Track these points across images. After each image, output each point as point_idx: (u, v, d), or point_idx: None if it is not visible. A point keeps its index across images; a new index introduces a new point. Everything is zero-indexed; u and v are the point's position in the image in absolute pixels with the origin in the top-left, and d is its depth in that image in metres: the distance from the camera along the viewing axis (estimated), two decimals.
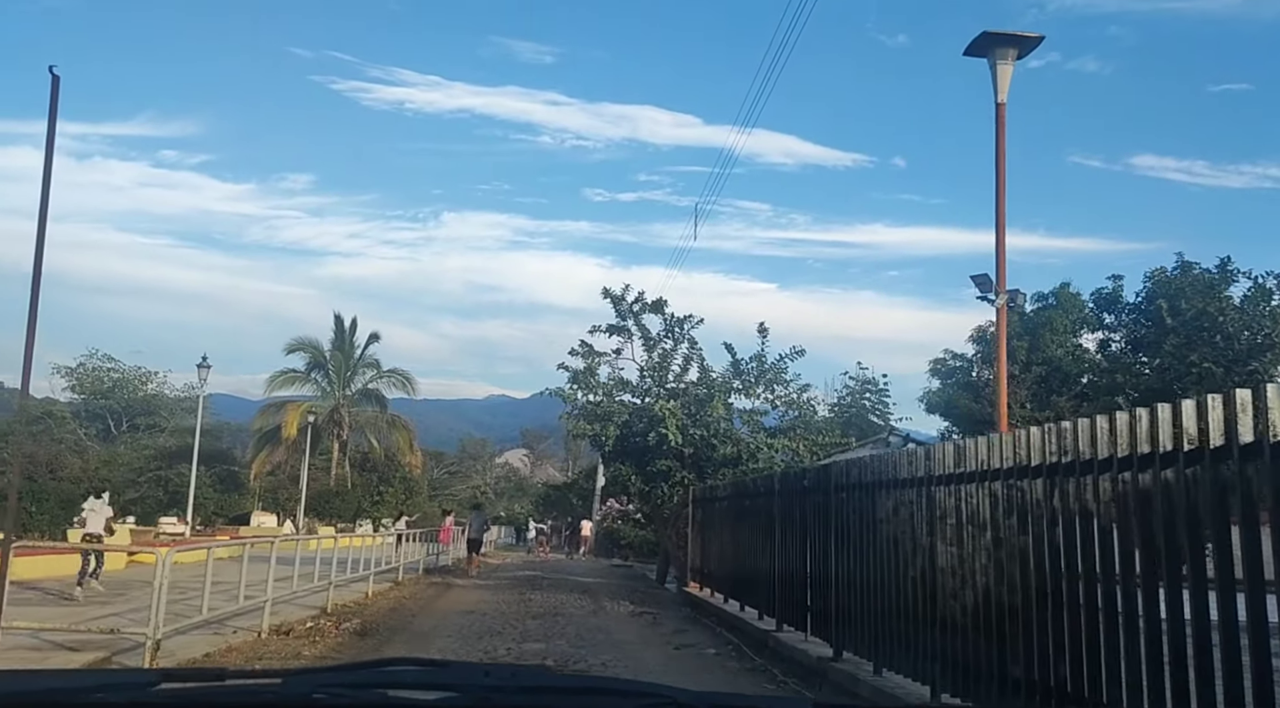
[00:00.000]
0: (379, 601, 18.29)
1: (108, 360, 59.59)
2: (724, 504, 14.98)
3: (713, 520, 15.98)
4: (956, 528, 6.65)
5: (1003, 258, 16.73)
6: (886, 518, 7.91)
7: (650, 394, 21.54)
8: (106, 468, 41.71)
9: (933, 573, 7.00)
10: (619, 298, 21.66)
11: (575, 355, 21.75)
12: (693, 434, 20.16)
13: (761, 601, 12.15)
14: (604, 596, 20.17)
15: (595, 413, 21.07)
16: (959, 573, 6.60)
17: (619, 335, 22.00)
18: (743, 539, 13.39)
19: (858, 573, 8.49)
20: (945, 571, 6.79)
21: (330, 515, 52.00)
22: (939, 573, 6.90)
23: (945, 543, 6.81)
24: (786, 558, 10.97)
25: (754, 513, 12.72)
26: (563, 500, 64.00)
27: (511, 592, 20.66)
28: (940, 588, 6.85)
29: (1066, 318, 36.11)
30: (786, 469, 18.27)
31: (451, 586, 22.61)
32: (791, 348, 21.43)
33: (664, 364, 21.52)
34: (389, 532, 32.28)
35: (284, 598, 15.21)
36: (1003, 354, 17.20)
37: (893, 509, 7.78)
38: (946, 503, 6.81)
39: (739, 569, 13.58)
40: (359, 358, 54.83)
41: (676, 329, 21.79)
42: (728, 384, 20.94)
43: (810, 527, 10.11)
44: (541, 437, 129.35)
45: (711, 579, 15.86)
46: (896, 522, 7.69)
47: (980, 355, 37.06)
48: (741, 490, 13.73)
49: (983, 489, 6.31)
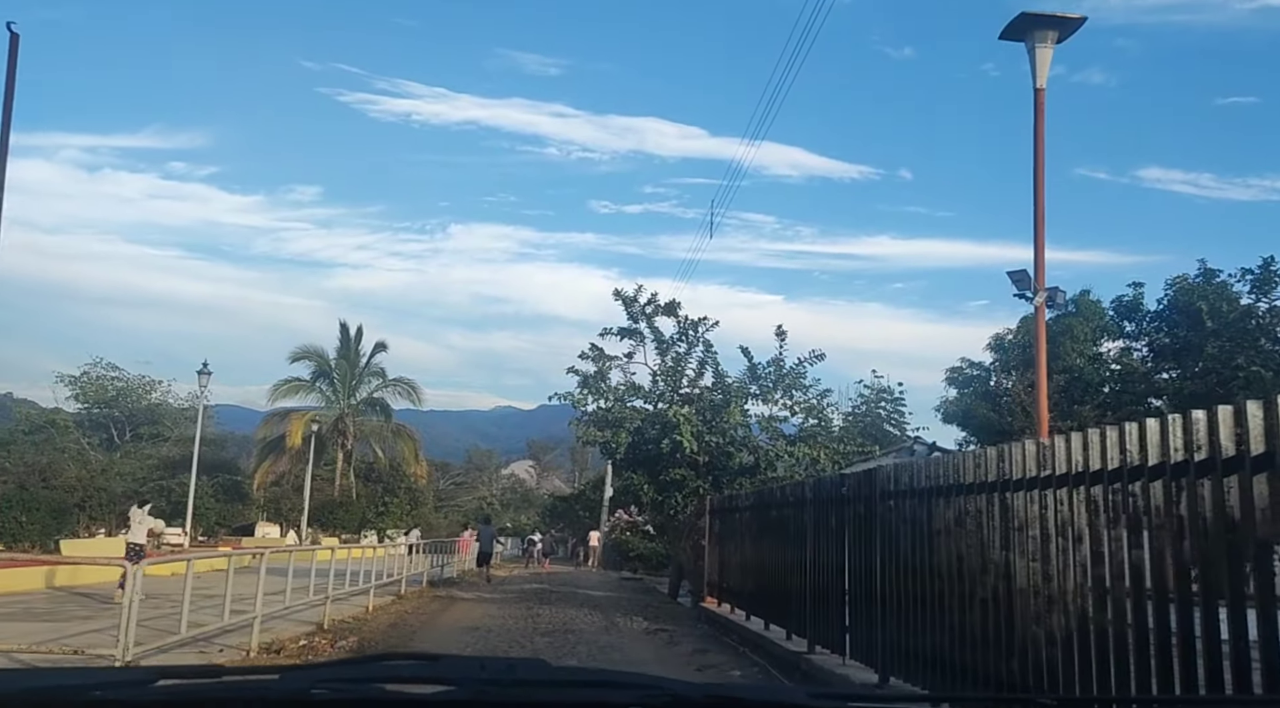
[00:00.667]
0: (379, 616, 17.30)
1: (111, 369, 58.78)
2: (746, 515, 13.97)
3: (733, 532, 14.98)
4: (1041, 541, 5.66)
5: (1041, 255, 15.75)
6: (946, 529, 6.91)
7: (663, 400, 20.57)
8: (103, 477, 40.77)
9: (1008, 593, 6.01)
10: (631, 299, 20.72)
11: (585, 359, 20.82)
12: (708, 441, 19.17)
13: (790, 619, 11.14)
14: (615, 611, 19.15)
15: (606, 419, 20.09)
16: (1044, 593, 5.61)
17: (630, 339, 21.07)
18: (768, 552, 12.38)
19: (910, 591, 7.49)
20: (1026, 591, 5.80)
21: (334, 526, 51.02)
22: (1016, 594, 5.90)
23: (1025, 558, 5.82)
24: (820, 573, 9.96)
25: (781, 524, 11.71)
26: (569, 512, 63.02)
27: (518, 606, 19.65)
28: (1019, 611, 5.86)
29: (1087, 326, 35.08)
30: (819, 476, 17.30)
31: (456, 599, 21.60)
32: (811, 352, 20.49)
33: (678, 368, 20.55)
34: (397, 543, 31.46)
35: (277, 614, 14.24)
36: (1042, 356, 16.18)
37: (954, 519, 6.79)
38: (1027, 512, 5.82)
39: (763, 585, 12.57)
40: (364, 367, 53.95)
41: (690, 332, 20.84)
42: (744, 389, 19.96)
43: (850, 539, 9.11)
44: (548, 448, 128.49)
45: (731, 595, 14.85)
46: (960, 534, 6.70)
47: (999, 364, 36.04)
48: (766, 500, 12.72)
49: (1076, 495, 5.33)
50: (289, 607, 14.15)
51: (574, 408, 20.30)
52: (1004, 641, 6.02)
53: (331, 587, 15.36)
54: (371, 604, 18.07)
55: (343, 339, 53.56)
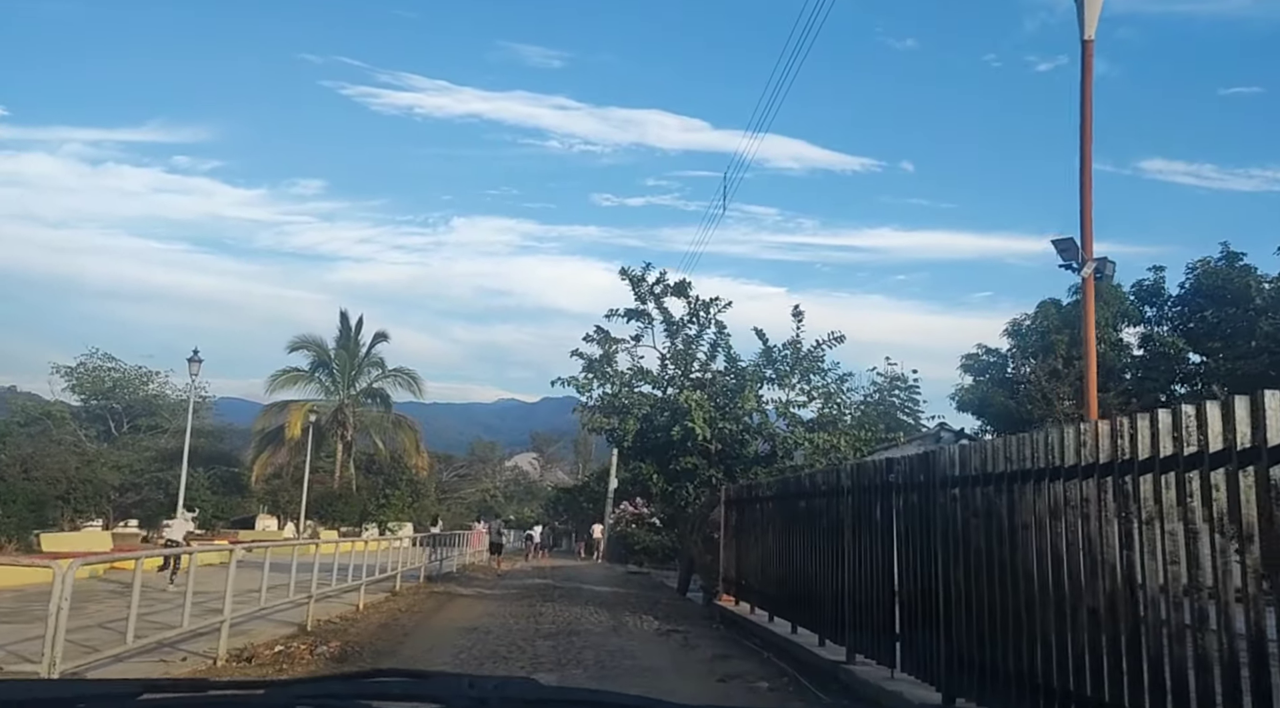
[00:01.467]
0: (370, 615, 16.04)
1: (108, 360, 57.52)
2: (768, 506, 12.68)
3: (752, 524, 13.69)
4: (1185, 538, 4.38)
5: (1088, 221, 14.45)
6: (1037, 522, 5.62)
7: (673, 385, 19.27)
8: (89, 468, 39.59)
9: (1131, 603, 4.73)
10: (638, 278, 19.39)
11: (590, 342, 19.50)
12: (722, 428, 17.87)
13: (823, 622, 9.85)
14: (623, 609, 17.89)
15: (613, 405, 18.79)
16: (1190, 605, 4.34)
17: (638, 320, 19.76)
18: (796, 547, 11.09)
19: (984, 596, 6.21)
20: (1160, 601, 4.52)
21: (333, 519, 49.80)
22: (1146, 605, 4.62)
23: (1159, 560, 4.53)
24: (863, 571, 8.67)
25: (812, 515, 10.42)
26: (573, 504, 61.79)
27: (520, 604, 18.39)
28: (1150, 627, 4.58)
29: (1107, 311, 33.71)
30: (840, 464, 16.02)
31: (455, 596, 20.34)
32: (830, 334, 19.17)
33: (688, 351, 19.25)
34: (406, 536, 30.30)
35: (255, 614, 13.00)
36: (1090, 331, 14.90)
37: (1048, 510, 5.50)
38: (1162, 500, 4.53)
39: (790, 583, 11.28)
40: (364, 357, 52.67)
41: (701, 313, 19.51)
42: (760, 373, 18.65)
43: (902, 533, 7.82)
44: (551, 440, 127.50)
45: (751, 593, 13.57)
46: (1057, 528, 5.41)
47: (1017, 350, 34.68)
48: (794, 489, 11.42)
49: (1243, 477, 4.04)
50: (264, 608, 12.87)
51: (579, 393, 19.05)
52: (1127, 663, 4.74)
53: (316, 584, 14.08)
54: (363, 602, 16.82)
55: (342, 329, 52.32)
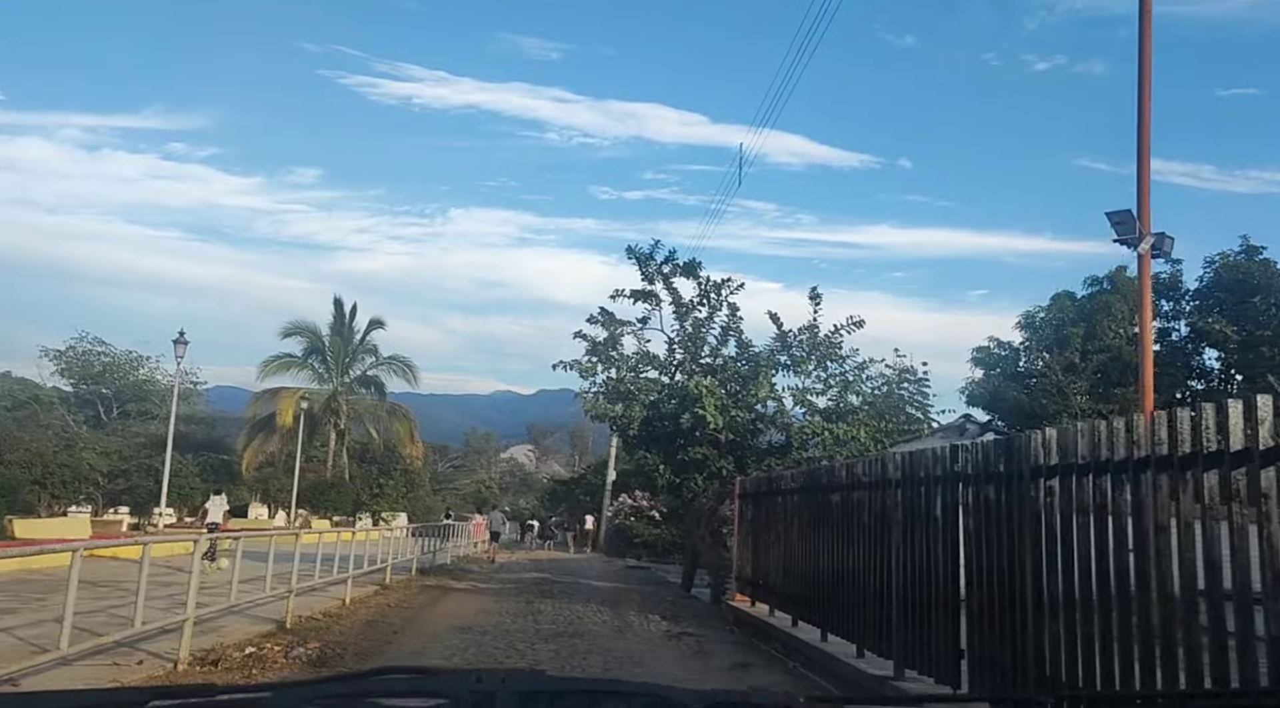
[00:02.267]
0: (357, 610, 14.81)
1: (98, 344, 56.15)
2: (792, 499, 11.45)
3: (772, 518, 12.45)
4: None
5: (1145, 192, 13.23)
6: (1183, 521, 4.41)
7: (682, 370, 18.04)
8: (67, 452, 38.35)
9: None
10: (646, 256, 18.12)
11: (594, 324, 18.23)
12: (734, 417, 16.65)
13: (863, 631, 8.63)
14: (626, 607, 16.69)
15: (618, 391, 17.55)
16: None
17: (645, 302, 18.48)
18: (827, 544, 9.86)
19: (1101, 613, 4.99)
20: None
21: (326, 508, 48.55)
22: None
23: None
24: (917, 574, 7.44)
25: (849, 510, 9.19)
26: (570, 496, 60.54)
27: (517, 600, 17.18)
28: None
29: (1125, 304, 32.52)
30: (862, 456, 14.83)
31: (448, 590, 19.12)
32: (849, 318, 17.92)
33: (698, 335, 18.00)
34: (400, 526, 29.10)
35: (224, 611, 11.76)
36: (1147, 314, 13.67)
37: (1204, 505, 4.28)
38: None
39: (819, 584, 10.05)
40: (359, 344, 51.34)
41: (713, 294, 18.26)
42: (774, 359, 17.42)
43: (971, 531, 6.60)
44: (547, 432, 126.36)
45: (770, 594, 12.34)
46: (1216, 528, 4.19)
47: (1030, 343, 33.48)
48: (825, 481, 10.18)
49: None
50: (236, 604, 11.61)
51: (581, 378, 17.81)
52: None
53: (296, 577, 12.83)
54: (349, 596, 15.59)
55: (336, 315, 50.99)
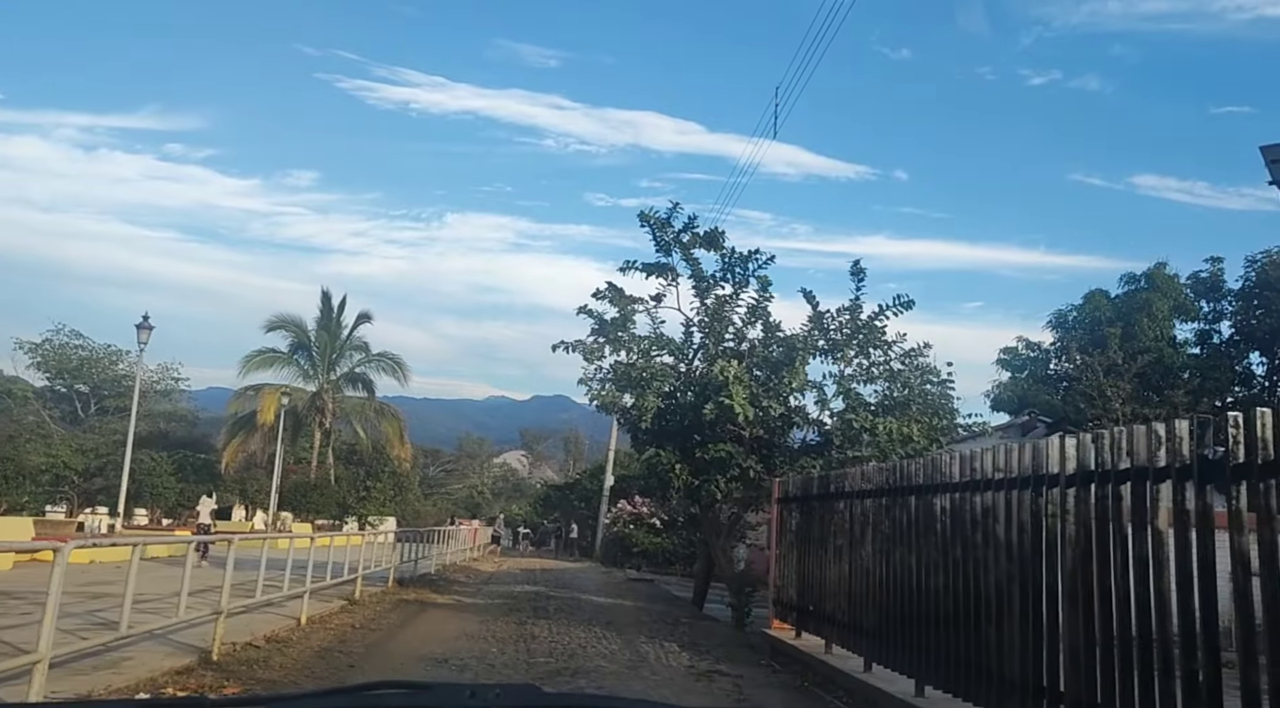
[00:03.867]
0: (312, 634, 12.07)
1: (75, 337, 53.29)
2: (862, 504, 8.78)
3: (831, 528, 9.76)
4: None
5: None
6: None
7: (703, 355, 15.38)
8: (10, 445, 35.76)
9: None
10: (663, 222, 15.43)
11: (601, 299, 15.54)
12: (766, 408, 13.98)
13: (1004, 689, 5.96)
14: (636, 631, 13.99)
15: (629, 377, 14.86)
16: None
17: (660, 276, 15.81)
18: (927, 565, 7.20)
19: None
20: None
21: (309, 511, 45.70)
22: None
23: None
24: (1114, 613, 4.80)
25: (961, 520, 6.55)
26: (564, 502, 57.74)
27: (507, 620, 14.46)
28: None
29: (1165, 302, 30.00)
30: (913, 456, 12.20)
31: (427, 606, 16.39)
32: (895, 298, 15.29)
33: (720, 314, 15.34)
34: (388, 531, 26.64)
35: (140, 638, 9.04)
36: None
37: None
38: None
39: (914, 617, 7.39)
40: (346, 339, 48.50)
41: (739, 269, 15.61)
42: (811, 343, 14.76)
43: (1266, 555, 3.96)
44: (541, 437, 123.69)
45: (827, 624, 9.64)
46: None
47: (1061, 344, 30.87)
48: (921, 480, 7.52)
49: None
50: (170, 625, 8.83)
51: (586, 360, 15.07)
52: None
53: (227, 595, 10.07)
54: (305, 615, 12.88)
55: (323, 309, 48.16)
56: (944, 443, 14.30)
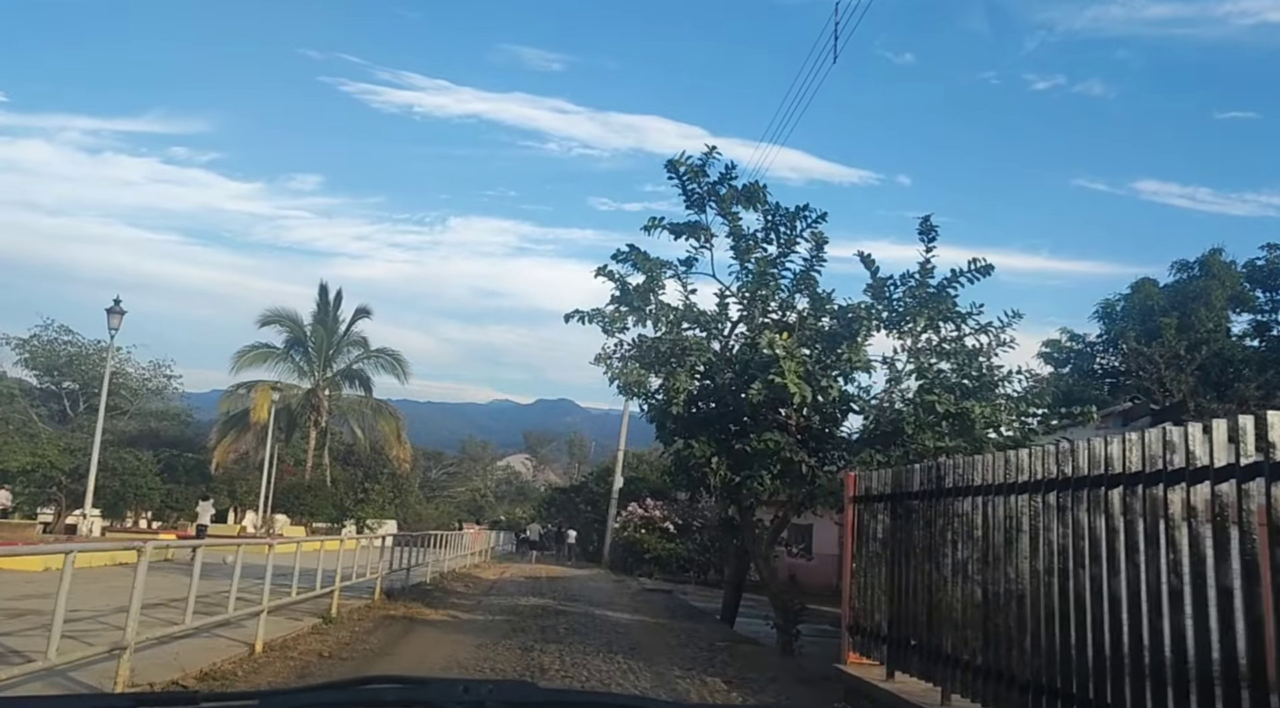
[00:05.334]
0: (267, 665, 9.48)
1: (64, 333, 50.72)
2: (1006, 502, 6.20)
3: (939, 538, 7.15)
4: None
5: None
6: None
7: (747, 324, 12.81)
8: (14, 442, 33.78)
9: None
10: (696, 171, 12.83)
11: (623, 261, 12.94)
12: (826, 389, 11.39)
13: None
14: (667, 658, 11.37)
15: (657, 353, 12.26)
16: None
17: (691, 238, 13.23)
18: (1150, 596, 4.63)
19: None
20: None
21: (304, 513, 43.08)
22: None
23: None
24: None
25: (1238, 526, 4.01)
26: (569, 505, 55.06)
27: (509, 645, 11.83)
28: None
29: (1222, 291, 27.38)
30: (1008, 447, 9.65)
31: (416, 625, 13.77)
32: (971, 261, 12.68)
33: (764, 280, 12.74)
34: (388, 534, 24.14)
35: (39, 673, 6.47)
36: None
37: None
38: None
39: (1110, 671, 4.81)
40: (343, 334, 45.89)
41: (783, 227, 13.03)
42: (874, 315, 12.16)
43: None
44: (544, 441, 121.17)
45: (942, 664, 7.01)
46: None
47: (1109, 336, 28.26)
48: (1136, 468, 4.95)
49: None
50: (87, 658, 6.23)
51: (605, 333, 12.43)
52: None
53: (133, 627, 7.46)
54: (261, 640, 10.28)
55: (320, 303, 45.58)
56: (1041, 433, 11.74)
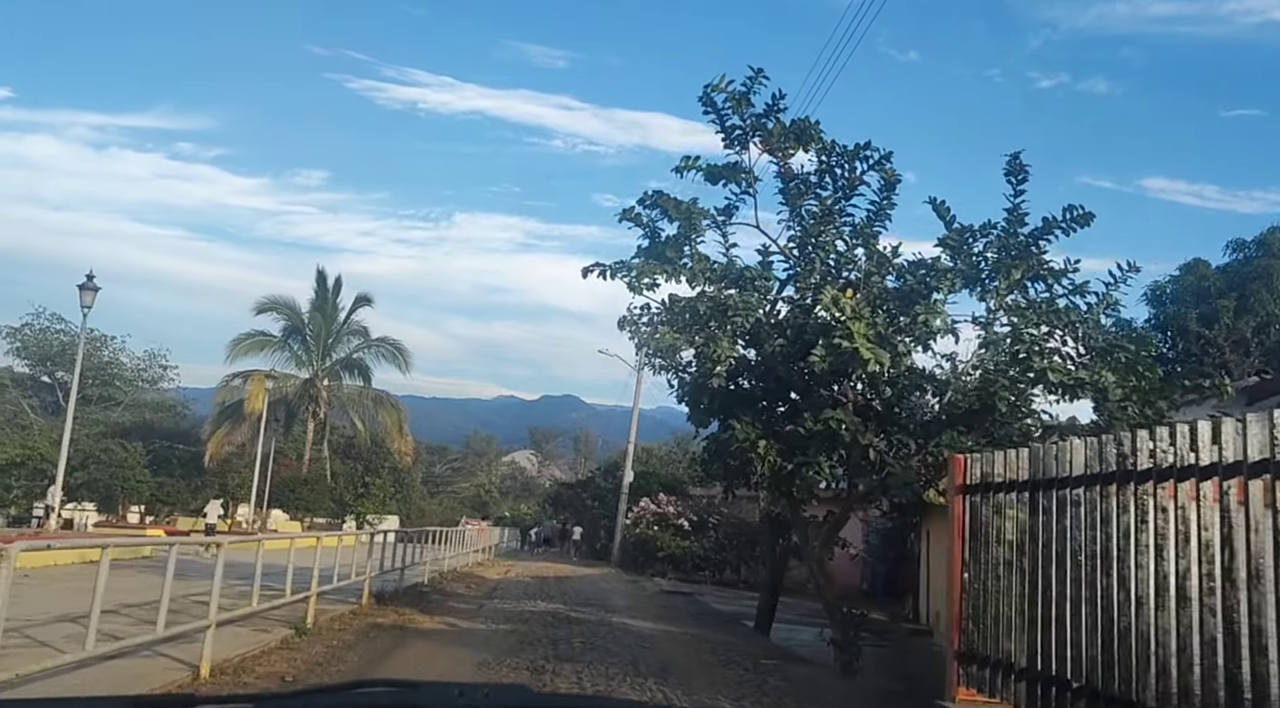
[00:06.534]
0: (211, 693, 7.40)
1: (56, 321, 48.77)
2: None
3: (1105, 542, 5.03)
4: None
5: None
6: None
7: (799, 286, 10.64)
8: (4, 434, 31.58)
9: None
10: (739, 99, 10.63)
11: (651, 207, 10.78)
12: (901, 356, 9.22)
13: None
14: (708, 684, 9.21)
15: (694, 314, 10.09)
16: None
17: (730, 182, 11.05)
18: None
19: None
20: None
21: (301, 508, 41.03)
22: None
23: None
24: None
25: None
26: (575, 501, 52.92)
27: (515, 664, 9.66)
28: None
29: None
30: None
31: (406, 637, 11.61)
32: (1066, 209, 10.51)
33: (820, 229, 10.57)
34: (390, 530, 22.02)
35: None
36: None
37: None
38: None
39: None
40: (343, 323, 43.74)
41: (841, 170, 10.87)
42: (956, 272, 9.99)
43: None
44: (549, 437, 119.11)
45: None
46: None
47: (1158, 322, 26.01)
48: None
49: None
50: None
51: (631, 290, 10.22)
52: None
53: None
54: (208, 663, 8.16)
55: (318, 289, 43.41)
56: (1160, 413, 9.58)
